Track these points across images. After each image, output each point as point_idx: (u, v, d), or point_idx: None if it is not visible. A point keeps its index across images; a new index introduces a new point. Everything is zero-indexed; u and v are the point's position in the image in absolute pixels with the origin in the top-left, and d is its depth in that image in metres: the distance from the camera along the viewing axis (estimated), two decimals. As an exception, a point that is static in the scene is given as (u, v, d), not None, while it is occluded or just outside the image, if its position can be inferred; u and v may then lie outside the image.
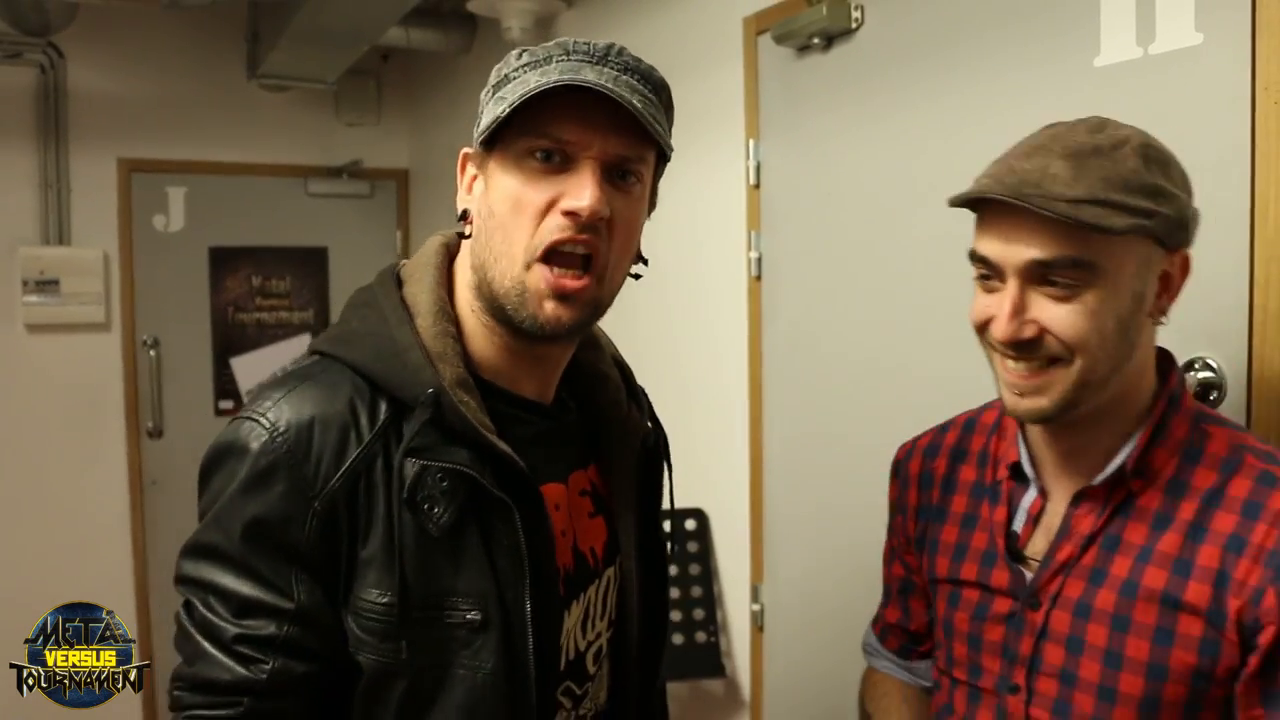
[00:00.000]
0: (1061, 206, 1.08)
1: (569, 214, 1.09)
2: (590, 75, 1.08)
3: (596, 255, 1.12)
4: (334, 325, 1.24)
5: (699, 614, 2.64)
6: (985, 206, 1.18)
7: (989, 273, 1.18)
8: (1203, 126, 1.53)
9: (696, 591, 2.66)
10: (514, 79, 1.13)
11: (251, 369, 4.35)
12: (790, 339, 2.42)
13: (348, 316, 1.22)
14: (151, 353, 4.14)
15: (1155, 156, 1.14)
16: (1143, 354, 1.20)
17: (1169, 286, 1.18)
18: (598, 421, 1.34)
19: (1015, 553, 1.28)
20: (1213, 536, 1.13)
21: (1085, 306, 1.12)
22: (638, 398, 1.38)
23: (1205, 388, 1.52)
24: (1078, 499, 1.23)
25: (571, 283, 1.11)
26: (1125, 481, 1.19)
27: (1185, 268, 1.20)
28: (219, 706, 1.09)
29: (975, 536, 1.33)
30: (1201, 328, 1.53)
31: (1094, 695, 1.17)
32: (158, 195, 4.18)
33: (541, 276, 1.10)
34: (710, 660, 2.63)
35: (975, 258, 1.20)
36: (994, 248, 1.16)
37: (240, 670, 1.08)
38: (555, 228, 1.10)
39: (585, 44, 1.13)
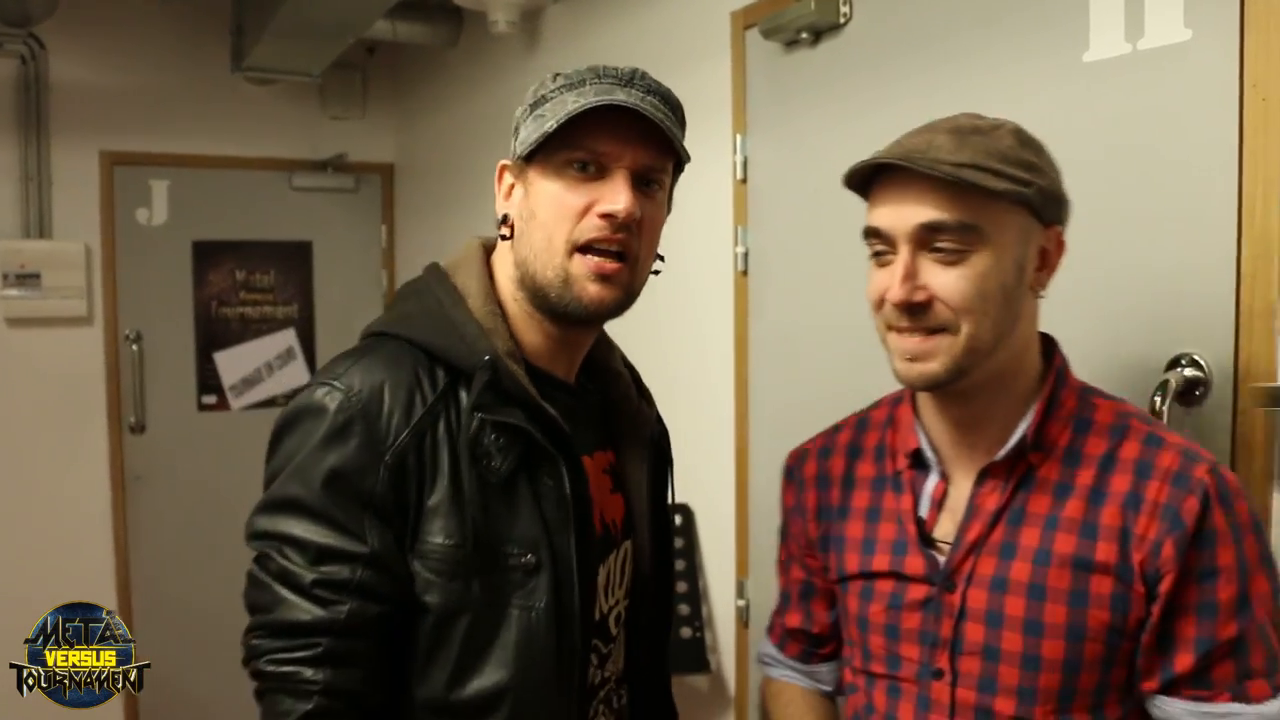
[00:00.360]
0: (945, 168, 1.17)
1: (606, 216, 1.25)
2: (621, 96, 1.24)
3: (629, 251, 1.28)
4: (387, 311, 1.40)
5: (684, 609, 2.64)
6: (877, 184, 1.27)
7: (882, 246, 1.25)
8: (1191, 122, 1.53)
9: (682, 587, 2.66)
10: (551, 99, 1.28)
11: (235, 363, 4.33)
12: (776, 335, 2.42)
13: (401, 303, 1.38)
14: (134, 347, 4.11)
15: (1028, 140, 1.24)
16: (1026, 327, 1.27)
17: (1046, 261, 1.26)
18: (612, 413, 1.49)
19: (925, 537, 1.32)
20: (1112, 497, 1.21)
21: (972, 270, 1.19)
22: (646, 396, 1.53)
23: (1191, 385, 1.52)
24: (981, 478, 1.28)
25: (610, 265, 1.27)
26: (1025, 455, 1.26)
27: (1060, 245, 1.27)
28: (298, 649, 1.19)
29: (882, 528, 1.37)
30: (1188, 325, 1.54)
31: (1019, 666, 1.22)
32: (140, 188, 4.15)
33: (582, 262, 1.26)
34: (695, 656, 2.63)
35: (868, 233, 1.27)
36: (885, 216, 1.24)
37: (319, 611, 1.19)
38: (592, 227, 1.26)
39: (614, 69, 1.28)
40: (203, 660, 3.63)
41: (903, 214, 1.21)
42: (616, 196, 1.25)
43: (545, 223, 1.27)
